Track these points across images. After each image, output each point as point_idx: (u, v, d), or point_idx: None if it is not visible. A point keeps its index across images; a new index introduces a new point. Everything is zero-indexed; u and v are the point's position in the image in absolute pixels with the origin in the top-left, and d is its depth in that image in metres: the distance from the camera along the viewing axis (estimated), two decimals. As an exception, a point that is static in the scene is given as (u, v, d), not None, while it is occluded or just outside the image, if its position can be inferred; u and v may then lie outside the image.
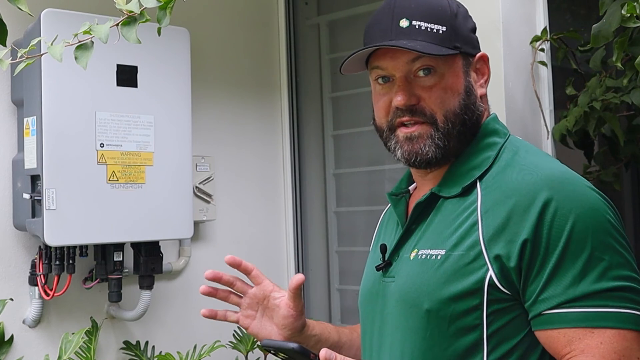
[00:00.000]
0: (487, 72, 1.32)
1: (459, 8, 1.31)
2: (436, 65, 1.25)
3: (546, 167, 1.20)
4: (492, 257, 1.14)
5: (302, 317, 1.40)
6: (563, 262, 1.11)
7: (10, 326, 2.11)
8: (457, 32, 1.28)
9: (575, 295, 1.10)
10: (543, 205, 1.13)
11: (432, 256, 1.21)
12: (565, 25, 2.59)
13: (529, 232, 1.12)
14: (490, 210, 1.17)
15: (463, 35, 1.29)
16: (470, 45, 1.31)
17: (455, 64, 1.28)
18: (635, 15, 1.46)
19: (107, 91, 2.09)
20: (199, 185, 2.47)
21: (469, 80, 1.29)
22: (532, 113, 2.12)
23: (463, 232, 1.19)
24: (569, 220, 1.12)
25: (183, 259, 2.47)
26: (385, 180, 2.72)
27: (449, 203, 1.25)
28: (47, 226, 1.97)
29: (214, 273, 1.43)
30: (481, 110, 1.30)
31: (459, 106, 1.26)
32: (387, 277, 1.29)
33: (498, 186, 1.20)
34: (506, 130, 1.32)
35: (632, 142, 2.24)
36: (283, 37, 2.80)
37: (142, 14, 1.27)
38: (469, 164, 1.26)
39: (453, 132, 1.26)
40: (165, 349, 2.31)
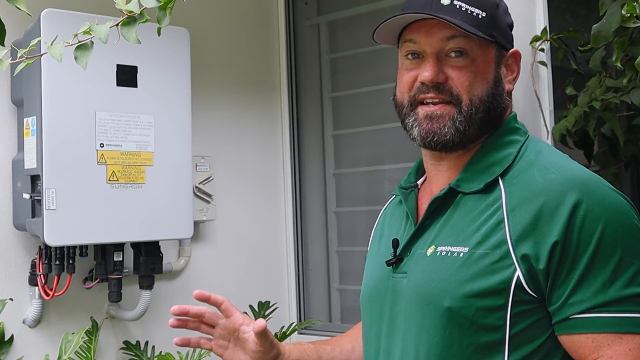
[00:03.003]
0: (516, 70, 1.30)
1: (501, 2, 1.30)
2: (469, 49, 1.23)
3: (571, 168, 1.19)
4: (520, 257, 1.12)
5: (273, 350, 1.38)
6: (593, 266, 1.10)
7: (10, 326, 2.11)
8: (496, 21, 1.26)
9: (605, 300, 1.08)
10: (573, 207, 1.11)
11: (454, 253, 1.18)
12: (565, 25, 2.59)
13: (559, 234, 1.10)
14: (517, 209, 1.15)
15: (501, 27, 1.28)
16: (506, 38, 1.29)
17: (489, 51, 1.26)
18: (635, 15, 1.46)
19: (107, 91, 2.09)
20: (199, 185, 2.47)
21: (498, 72, 1.27)
22: (532, 113, 2.12)
23: (488, 229, 1.17)
24: (599, 224, 1.10)
25: (183, 259, 2.47)
26: (385, 180, 2.72)
27: (469, 199, 1.22)
28: (47, 226, 1.97)
29: (180, 308, 1.42)
30: (506, 104, 1.28)
31: (486, 93, 1.24)
32: (398, 272, 1.26)
33: (523, 185, 1.18)
34: (526, 129, 1.31)
35: (632, 142, 2.24)
36: (283, 37, 2.80)
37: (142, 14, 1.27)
38: (489, 159, 1.24)
39: (475, 118, 1.23)
40: (165, 349, 2.31)
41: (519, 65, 1.31)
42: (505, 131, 1.27)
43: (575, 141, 2.20)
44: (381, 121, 2.68)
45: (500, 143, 1.26)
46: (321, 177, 2.84)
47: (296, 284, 2.79)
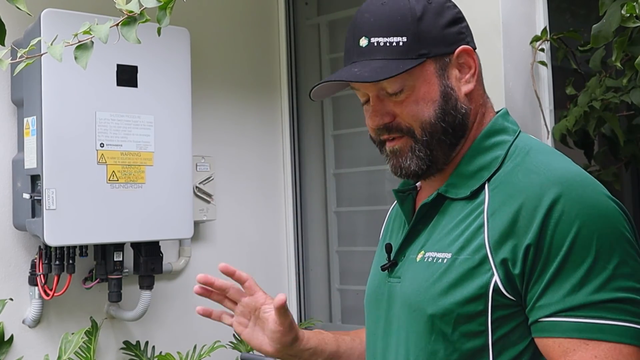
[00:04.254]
0: (473, 65, 1.23)
1: (427, 6, 1.23)
2: (404, 82, 1.21)
3: (557, 167, 1.15)
4: (499, 262, 1.11)
5: (291, 332, 1.36)
6: (564, 268, 1.07)
7: (10, 326, 2.11)
8: (422, 37, 1.22)
9: (572, 304, 1.06)
10: (549, 207, 1.08)
11: (438, 259, 1.18)
12: (565, 25, 2.59)
13: (532, 237, 1.08)
14: (496, 212, 1.13)
15: (432, 37, 1.22)
16: (444, 44, 1.23)
17: (425, 71, 1.22)
18: (635, 15, 1.46)
19: (107, 91, 2.09)
20: (199, 185, 2.47)
21: (445, 83, 1.22)
22: (532, 113, 2.12)
23: (469, 235, 1.15)
24: (574, 225, 1.07)
25: (183, 259, 2.47)
26: (385, 180, 2.72)
27: (456, 204, 1.21)
28: (47, 226, 1.97)
29: (206, 278, 1.38)
30: (466, 110, 1.23)
31: (434, 115, 1.21)
32: (393, 277, 1.27)
33: (506, 188, 1.15)
34: (516, 127, 1.26)
35: (632, 141, 2.24)
36: (283, 37, 2.80)
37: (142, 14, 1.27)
38: (476, 163, 1.22)
39: (433, 142, 1.22)
40: (165, 349, 2.31)
41: (475, 58, 1.24)
42: (492, 132, 1.24)
43: (575, 141, 2.20)
44: (381, 121, 2.68)
45: (487, 145, 1.23)
46: (321, 177, 2.84)
47: (296, 284, 2.79)
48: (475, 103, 1.25)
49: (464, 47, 1.23)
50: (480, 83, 1.26)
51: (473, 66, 1.24)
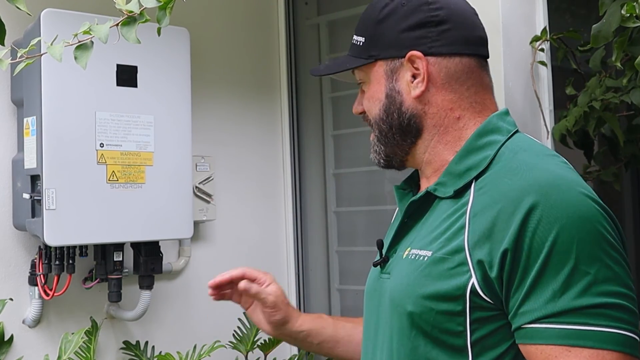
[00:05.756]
0: (422, 70, 1.24)
1: (396, 9, 1.27)
2: (363, 77, 1.32)
3: (540, 168, 1.14)
4: (475, 263, 1.10)
5: (280, 312, 1.48)
6: (544, 274, 1.05)
7: (10, 326, 2.11)
8: (377, 39, 1.28)
9: (554, 310, 1.04)
10: (527, 211, 1.07)
11: (420, 257, 1.19)
12: (565, 25, 2.59)
13: (510, 241, 1.07)
14: (478, 215, 1.13)
15: (386, 40, 1.27)
16: (396, 47, 1.26)
17: (377, 71, 1.29)
18: (635, 15, 1.46)
19: (107, 91, 2.09)
20: (199, 185, 2.47)
21: (392, 86, 1.27)
22: (532, 113, 2.12)
23: (450, 234, 1.16)
24: (553, 230, 1.05)
25: (183, 259, 2.47)
26: (385, 180, 2.72)
27: (444, 203, 1.22)
28: (47, 226, 1.97)
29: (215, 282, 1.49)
30: (415, 113, 1.26)
31: (379, 114, 1.29)
32: (384, 273, 1.28)
33: (490, 190, 1.15)
34: (512, 127, 1.26)
35: (632, 142, 2.24)
36: (283, 37, 2.80)
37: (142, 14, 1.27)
38: (466, 162, 1.22)
39: (382, 139, 1.30)
40: (165, 349, 2.31)
41: (423, 65, 1.24)
42: (484, 132, 1.24)
43: (575, 141, 2.20)
44: (381, 121, 2.68)
45: (479, 145, 1.23)
46: (321, 177, 2.84)
47: (296, 284, 2.79)
48: (439, 106, 1.26)
49: (413, 52, 1.24)
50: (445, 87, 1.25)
51: (421, 71, 1.24)
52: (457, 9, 1.27)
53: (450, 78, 1.25)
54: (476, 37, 1.28)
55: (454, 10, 1.26)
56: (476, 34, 1.29)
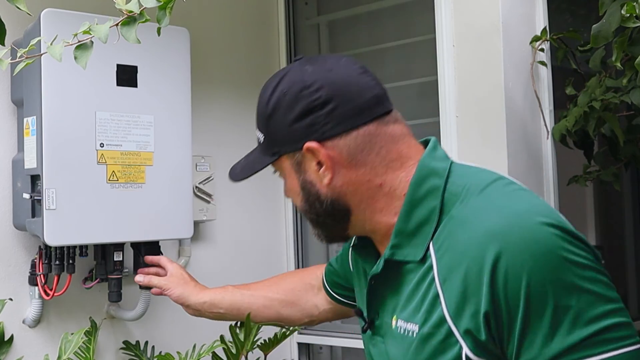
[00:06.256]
0: (323, 159, 1.20)
1: (280, 100, 1.22)
2: (277, 169, 1.30)
3: (489, 212, 1.10)
4: (463, 333, 1.08)
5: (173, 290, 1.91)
6: (529, 323, 1.03)
7: (10, 326, 2.11)
8: (272, 136, 1.25)
9: (552, 354, 1.01)
10: (492, 268, 1.04)
11: (409, 332, 1.16)
12: (565, 25, 2.59)
13: (487, 304, 1.05)
14: (447, 280, 1.10)
15: (280, 136, 1.23)
16: (291, 141, 1.22)
17: (285, 166, 1.26)
18: (635, 15, 1.46)
19: (107, 91, 2.09)
20: (199, 185, 2.47)
21: (303, 178, 1.24)
22: (532, 113, 2.12)
23: (428, 306, 1.13)
24: (522, 277, 1.03)
25: (183, 259, 2.47)
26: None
27: (408, 267, 1.18)
28: (47, 226, 1.97)
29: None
30: (336, 197, 1.22)
31: (302, 205, 1.27)
32: (377, 335, 1.27)
33: (448, 248, 1.11)
34: (445, 162, 1.21)
35: (632, 142, 2.25)
36: (283, 37, 2.80)
37: (142, 14, 1.27)
38: (415, 218, 1.17)
39: (317, 225, 1.28)
40: (165, 349, 2.31)
41: (322, 153, 1.19)
42: (421, 179, 1.19)
43: (575, 141, 2.21)
44: (381, 121, 2.68)
45: (420, 195, 1.18)
46: (321, 177, 2.84)
47: (296, 284, 2.78)
48: (356, 184, 1.21)
49: (308, 144, 1.20)
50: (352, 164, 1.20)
51: (324, 160, 1.20)
52: (338, 81, 1.21)
53: (354, 154, 1.20)
54: (368, 101, 1.21)
55: (335, 84, 1.20)
56: (366, 97, 1.21)
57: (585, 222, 4.49)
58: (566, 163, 2.41)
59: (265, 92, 1.26)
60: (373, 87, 1.24)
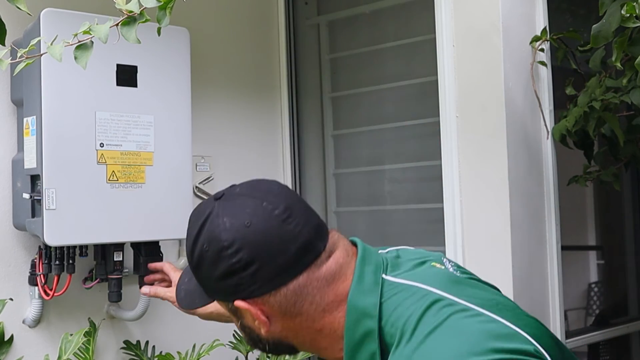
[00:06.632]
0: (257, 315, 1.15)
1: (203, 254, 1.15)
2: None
3: None
4: None
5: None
6: None
7: (10, 326, 2.11)
8: (203, 284, 1.20)
9: None
10: None
11: None
12: (565, 25, 2.59)
13: None
14: None
15: (210, 286, 1.19)
16: (221, 294, 1.18)
17: (224, 307, 1.22)
18: (635, 15, 1.46)
19: (107, 91, 2.09)
20: (199, 185, 2.47)
21: (242, 322, 1.20)
22: (532, 113, 2.12)
23: None
24: None
25: (183, 259, 2.47)
26: (385, 180, 2.72)
27: None
28: (47, 226, 1.97)
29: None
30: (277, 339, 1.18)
31: (249, 342, 1.23)
32: None
33: None
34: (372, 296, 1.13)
35: (631, 142, 2.24)
36: (283, 37, 2.80)
37: (142, 14, 1.27)
38: None
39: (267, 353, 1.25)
40: (165, 348, 2.31)
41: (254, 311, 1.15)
42: (354, 322, 1.13)
43: (575, 141, 2.21)
44: (381, 121, 2.68)
45: (357, 340, 1.12)
46: (321, 177, 2.84)
47: (296, 284, 2.78)
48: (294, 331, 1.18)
49: (237, 303, 1.15)
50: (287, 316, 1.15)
51: (256, 316, 1.15)
52: (258, 239, 1.12)
53: (287, 308, 1.14)
54: (293, 256, 1.13)
55: (255, 244, 1.12)
56: (291, 252, 1.13)
57: (585, 222, 4.49)
58: (566, 163, 2.41)
59: (188, 239, 1.20)
60: (298, 236, 1.14)
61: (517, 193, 2.05)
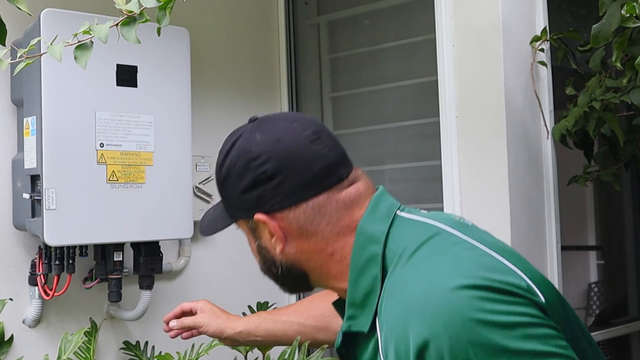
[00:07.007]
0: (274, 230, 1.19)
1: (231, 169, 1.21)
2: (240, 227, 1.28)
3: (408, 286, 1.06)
4: None
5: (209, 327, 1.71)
6: None
7: (10, 326, 2.11)
8: (227, 200, 1.25)
9: None
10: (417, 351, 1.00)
11: None
12: (565, 25, 2.59)
13: None
14: (387, 353, 1.07)
15: (233, 203, 1.23)
16: (243, 209, 1.22)
17: (243, 228, 1.26)
18: (635, 15, 1.46)
19: (107, 91, 2.09)
20: (198, 185, 2.47)
21: (258, 243, 1.23)
22: (532, 113, 2.12)
23: None
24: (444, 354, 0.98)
25: (183, 259, 2.47)
26: (385, 180, 2.72)
27: (363, 337, 1.17)
28: (47, 226, 1.97)
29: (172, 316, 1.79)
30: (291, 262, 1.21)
31: (262, 267, 1.27)
32: None
33: (383, 321, 1.10)
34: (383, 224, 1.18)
35: (631, 142, 2.25)
36: (283, 37, 2.80)
37: (142, 14, 1.27)
38: (362, 287, 1.16)
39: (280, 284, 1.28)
40: (165, 349, 2.31)
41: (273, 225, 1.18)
42: (361, 246, 1.17)
43: (575, 141, 2.21)
44: (381, 121, 2.68)
45: (362, 264, 1.16)
46: (321, 177, 2.83)
47: (296, 284, 2.78)
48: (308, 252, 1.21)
49: (258, 216, 1.19)
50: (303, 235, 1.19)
51: (274, 231, 1.19)
52: (285, 154, 1.18)
53: (304, 226, 1.19)
54: (316, 174, 1.19)
55: (282, 157, 1.17)
56: (315, 170, 1.18)
57: (585, 222, 4.49)
58: (566, 163, 2.41)
59: (219, 156, 1.25)
60: (324, 157, 1.20)
61: (517, 193, 2.05)
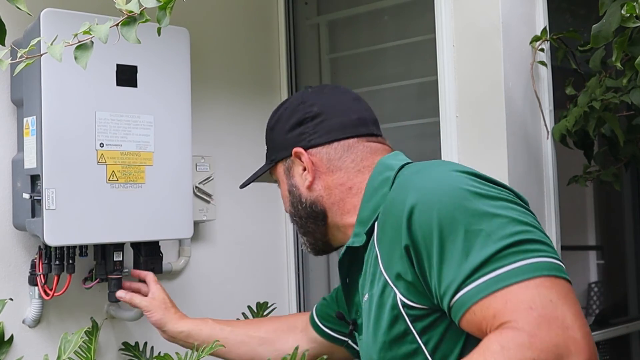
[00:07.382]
0: (307, 163, 1.42)
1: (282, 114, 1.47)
2: (276, 178, 1.53)
3: (418, 179, 1.23)
4: (394, 278, 1.18)
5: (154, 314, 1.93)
6: (444, 250, 1.10)
7: (10, 326, 2.11)
8: (272, 145, 1.51)
9: (467, 272, 1.08)
10: (410, 209, 1.15)
11: (367, 302, 1.28)
12: (565, 25, 2.59)
13: (406, 238, 1.14)
14: (380, 238, 1.23)
15: (277, 144, 1.49)
16: (285, 148, 1.46)
17: (279, 172, 1.50)
18: (635, 15, 1.46)
19: (107, 91, 2.09)
20: (199, 185, 2.47)
21: (290, 182, 1.46)
22: (532, 113, 2.12)
23: (373, 269, 1.25)
24: (433, 212, 1.12)
25: (183, 259, 2.47)
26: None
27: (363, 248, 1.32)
28: (46, 226, 1.97)
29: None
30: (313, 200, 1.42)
31: (290, 209, 1.48)
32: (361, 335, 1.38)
33: (383, 213, 1.25)
34: (401, 162, 1.36)
35: (631, 142, 2.25)
36: (283, 37, 2.80)
37: (142, 14, 1.27)
38: (371, 205, 1.32)
39: (302, 230, 1.47)
40: (165, 349, 2.31)
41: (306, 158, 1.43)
42: (378, 172, 1.36)
43: (575, 141, 2.21)
44: (381, 121, 2.67)
45: (376, 185, 1.33)
46: (321, 177, 2.83)
47: (296, 284, 2.78)
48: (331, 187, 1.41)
49: (295, 149, 1.43)
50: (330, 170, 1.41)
51: (306, 164, 1.42)
52: (330, 100, 1.44)
53: (332, 160, 1.41)
54: (353, 121, 1.43)
55: (327, 102, 1.43)
56: (352, 117, 1.43)
57: (585, 222, 4.49)
58: (566, 163, 2.41)
59: (274, 112, 1.51)
60: (361, 111, 1.45)
61: (517, 193, 2.05)
